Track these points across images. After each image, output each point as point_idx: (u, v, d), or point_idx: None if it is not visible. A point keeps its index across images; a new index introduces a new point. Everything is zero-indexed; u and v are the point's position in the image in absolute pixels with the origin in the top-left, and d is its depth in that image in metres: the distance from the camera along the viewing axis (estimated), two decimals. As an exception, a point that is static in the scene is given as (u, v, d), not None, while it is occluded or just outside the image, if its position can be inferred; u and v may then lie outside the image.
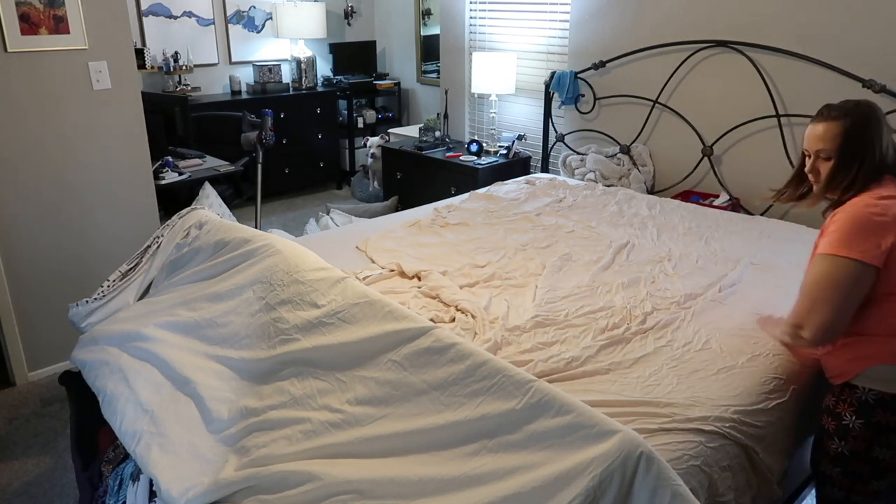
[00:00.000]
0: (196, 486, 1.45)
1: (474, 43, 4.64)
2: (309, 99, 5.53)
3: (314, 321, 1.70)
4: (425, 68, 5.76)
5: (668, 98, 3.51)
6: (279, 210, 5.39)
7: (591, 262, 2.43)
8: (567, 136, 4.05)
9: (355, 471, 1.37)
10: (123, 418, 1.71)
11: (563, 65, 4.03)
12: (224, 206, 3.83)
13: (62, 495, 2.33)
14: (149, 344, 1.89)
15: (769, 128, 3.14)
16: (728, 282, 2.26)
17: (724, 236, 2.73)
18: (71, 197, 2.94)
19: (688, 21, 3.34)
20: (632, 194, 3.31)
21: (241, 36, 5.39)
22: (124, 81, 2.97)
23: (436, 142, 4.56)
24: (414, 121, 5.93)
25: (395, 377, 1.50)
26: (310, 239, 2.94)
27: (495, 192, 3.37)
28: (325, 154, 5.77)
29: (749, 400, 1.62)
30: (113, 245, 3.09)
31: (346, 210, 4.67)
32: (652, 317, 2.02)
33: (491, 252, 2.53)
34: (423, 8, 5.58)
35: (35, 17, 2.67)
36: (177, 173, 3.60)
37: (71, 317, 2.17)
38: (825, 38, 2.88)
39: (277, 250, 1.96)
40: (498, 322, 1.94)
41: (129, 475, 1.75)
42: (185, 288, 2.07)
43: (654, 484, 1.13)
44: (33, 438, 2.63)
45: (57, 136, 2.84)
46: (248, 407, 1.61)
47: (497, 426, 1.31)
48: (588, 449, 1.18)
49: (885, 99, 2.73)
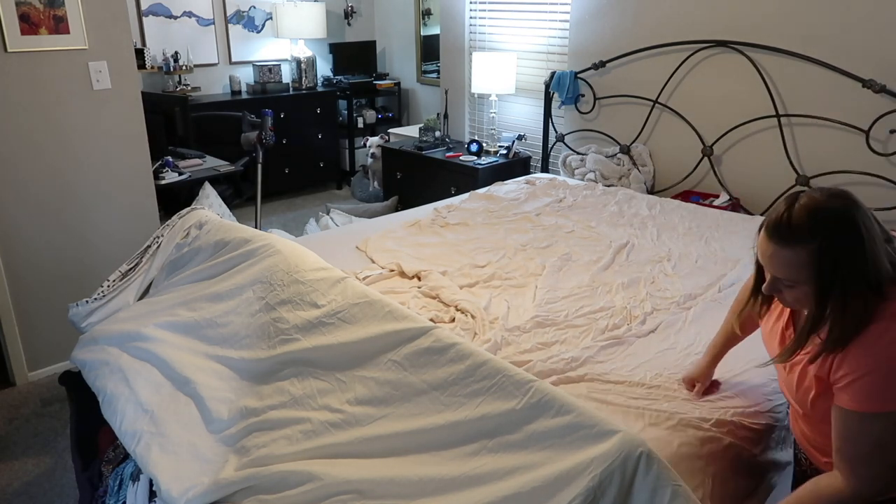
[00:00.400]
0: (196, 486, 1.45)
1: (474, 43, 4.64)
2: (309, 99, 5.52)
3: (314, 321, 1.70)
4: (425, 68, 5.76)
5: (668, 98, 3.51)
6: (279, 210, 5.38)
7: (591, 263, 2.43)
8: (567, 136, 4.05)
9: (355, 471, 1.37)
10: (123, 418, 1.71)
11: (563, 65, 4.03)
12: (224, 206, 3.83)
13: (62, 495, 2.33)
14: (149, 344, 1.89)
15: (769, 128, 3.14)
16: (728, 282, 2.26)
17: (724, 236, 2.73)
18: (71, 197, 2.94)
19: (688, 21, 3.34)
20: (632, 194, 3.31)
21: (241, 36, 5.39)
22: (124, 81, 2.97)
23: (436, 142, 4.56)
24: (414, 121, 5.93)
25: (395, 377, 1.50)
26: (310, 239, 2.94)
27: (495, 192, 3.37)
28: (325, 154, 5.77)
29: (749, 402, 1.62)
30: (113, 245, 3.09)
31: (346, 210, 4.67)
32: (652, 317, 2.02)
33: (491, 252, 2.53)
34: (423, 8, 5.58)
35: (35, 17, 2.67)
36: (177, 173, 3.60)
37: (71, 317, 2.17)
38: (825, 38, 2.88)
39: (277, 250, 1.96)
40: (498, 322, 1.95)
41: (129, 475, 1.75)
42: (185, 288, 2.07)
43: (654, 484, 1.13)
44: (33, 438, 2.63)
45: (57, 136, 2.84)
46: (248, 407, 1.61)
47: (497, 426, 1.31)
48: (588, 449, 1.18)
49: (884, 99, 2.73)
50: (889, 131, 2.76)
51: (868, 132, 2.80)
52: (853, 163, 2.89)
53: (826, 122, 2.94)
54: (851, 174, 2.91)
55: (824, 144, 2.97)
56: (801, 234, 1.11)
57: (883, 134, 2.78)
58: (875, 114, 2.76)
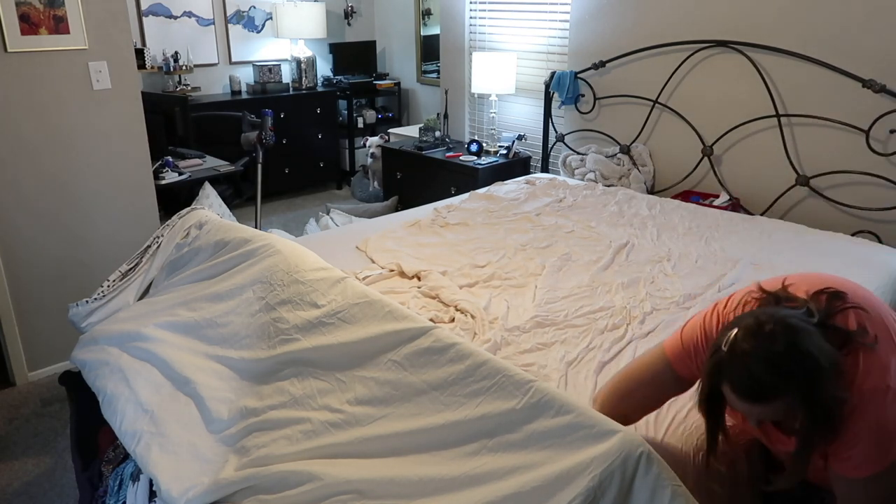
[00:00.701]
0: (196, 486, 1.45)
1: (474, 43, 4.64)
2: (309, 99, 5.52)
3: (314, 321, 1.70)
4: (425, 68, 5.76)
5: (668, 98, 3.51)
6: (279, 210, 5.38)
7: (591, 262, 2.43)
8: (567, 136, 4.05)
9: (355, 471, 1.37)
10: (123, 418, 1.71)
11: (563, 65, 4.03)
12: (224, 206, 3.83)
13: (62, 495, 2.33)
14: (149, 344, 1.89)
15: (769, 128, 3.14)
16: (727, 282, 2.26)
17: (724, 236, 2.73)
18: (71, 197, 2.94)
19: (688, 21, 3.34)
20: (632, 194, 3.31)
21: (241, 36, 5.39)
22: (124, 81, 2.97)
23: (436, 142, 4.56)
24: (414, 121, 5.93)
25: (395, 377, 1.50)
26: (310, 239, 2.94)
27: (495, 192, 3.37)
28: (325, 154, 5.77)
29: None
30: (113, 245, 3.09)
31: (346, 210, 4.67)
32: (651, 317, 2.02)
33: (491, 252, 2.53)
34: (423, 8, 5.58)
35: (35, 17, 2.67)
36: (177, 173, 3.60)
37: (71, 317, 2.17)
38: (825, 38, 2.88)
39: (277, 250, 1.96)
40: (497, 322, 1.94)
41: (129, 475, 1.75)
42: (185, 288, 2.07)
43: (654, 484, 1.13)
44: (33, 438, 2.63)
45: (57, 136, 2.84)
46: (248, 407, 1.61)
47: (497, 426, 1.31)
48: (588, 449, 1.18)
49: (885, 99, 2.73)
50: (889, 131, 2.76)
51: (868, 132, 2.80)
52: (853, 163, 2.89)
53: (826, 122, 2.94)
54: (851, 174, 2.91)
55: (824, 144, 2.98)
56: (773, 391, 1.12)
57: (883, 134, 2.78)
58: (875, 114, 2.76)
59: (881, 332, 1.21)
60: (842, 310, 1.23)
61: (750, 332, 1.14)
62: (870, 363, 1.18)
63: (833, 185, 2.99)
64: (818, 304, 1.23)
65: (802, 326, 1.14)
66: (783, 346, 1.11)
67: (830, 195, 3.00)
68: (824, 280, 1.32)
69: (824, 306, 1.22)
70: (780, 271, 2.33)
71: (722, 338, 1.18)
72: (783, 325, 1.13)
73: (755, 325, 1.14)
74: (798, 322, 1.14)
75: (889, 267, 2.42)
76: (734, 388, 1.15)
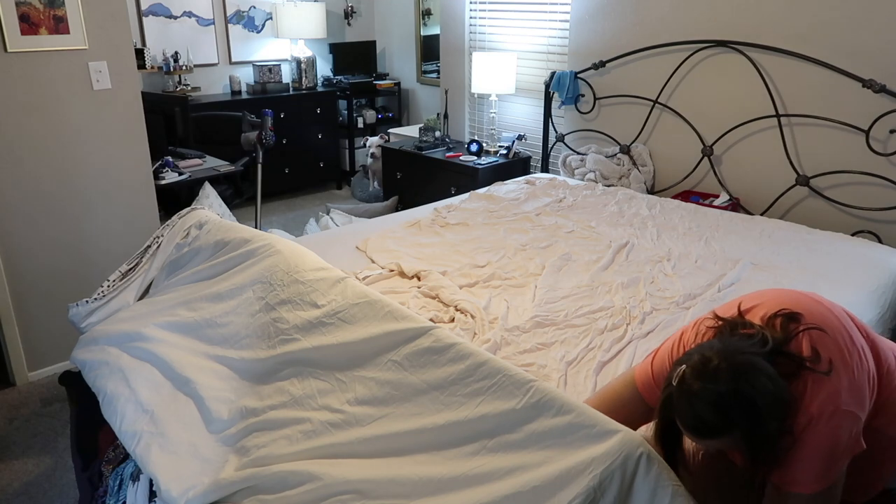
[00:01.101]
0: (196, 486, 1.45)
1: (474, 43, 4.64)
2: (309, 99, 5.52)
3: (314, 321, 1.70)
4: (425, 68, 5.76)
5: (668, 98, 3.51)
6: (279, 210, 5.38)
7: (591, 262, 2.43)
8: (567, 136, 4.05)
9: (355, 471, 1.37)
10: (123, 418, 1.71)
11: (563, 65, 4.03)
12: (224, 206, 3.83)
13: (62, 495, 2.33)
14: (149, 344, 1.89)
15: (769, 128, 3.14)
16: (727, 281, 2.26)
17: (724, 236, 2.73)
18: (71, 197, 2.94)
19: (688, 21, 3.34)
20: (632, 194, 3.31)
21: (241, 36, 5.39)
22: (124, 81, 2.97)
23: (436, 142, 4.56)
24: (414, 121, 5.93)
25: (395, 377, 1.50)
26: (310, 239, 2.94)
27: (495, 192, 3.37)
28: (325, 154, 5.77)
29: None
30: (113, 245, 3.09)
31: (346, 210, 4.67)
32: (651, 317, 2.02)
33: (491, 252, 2.53)
34: (423, 8, 5.58)
35: (35, 18, 2.67)
36: (177, 173, 3.60)
37: (71, 317, 2.17)
38: (825, 38, 2.88)
39: (277, 250, 1.96)
40: (497, 322, 1.94)
41: (129, 475, 1.75)
42: (185, 288, 2.07)
43: (655, 484, 1.13)
44: (33, 438, 2.63)
45: (57, 136, 2.84)
46: (248, 407, 1.61)
47: (497, 426, 1.31)
48: (588, 449, 1.18)
49: (884, 99, 2.73)
50: (889, 131, 2.76)
51: (868, 132, 2.80)
52: (853, 163, 2.89)
53: (826, 121, 2.94)
54: (851, 174, 2.91)
55: (824, 144, 2.98)
56: (720, 429, 1.15)
57: (883, 134, 2.78)
58: (875, 114, 2.76)
59: (835, 354, 1.22)
60: (796, 334, 1.24)
61: (696, 371, 1.16)
62: (818, 388, 1.19)
63: (833, 185, 2.99)
64: (773, 329, 1.24)
65: (749, 362, 1.15)
66: (725, 387, 1.13)
67: (830, 195, 3.01)
68: (781, 300, 1.32)
69: (779, 331, 1.24)
70: (780, 271, 2.33)
71: (672, 373, 1.21)
72: (728, 363, 1.15)
73: (701, 364, 1.17)
74: (746, 358, 1.16)
75: (889, 267, 2.42)
76: (682, 423, 1.19)
